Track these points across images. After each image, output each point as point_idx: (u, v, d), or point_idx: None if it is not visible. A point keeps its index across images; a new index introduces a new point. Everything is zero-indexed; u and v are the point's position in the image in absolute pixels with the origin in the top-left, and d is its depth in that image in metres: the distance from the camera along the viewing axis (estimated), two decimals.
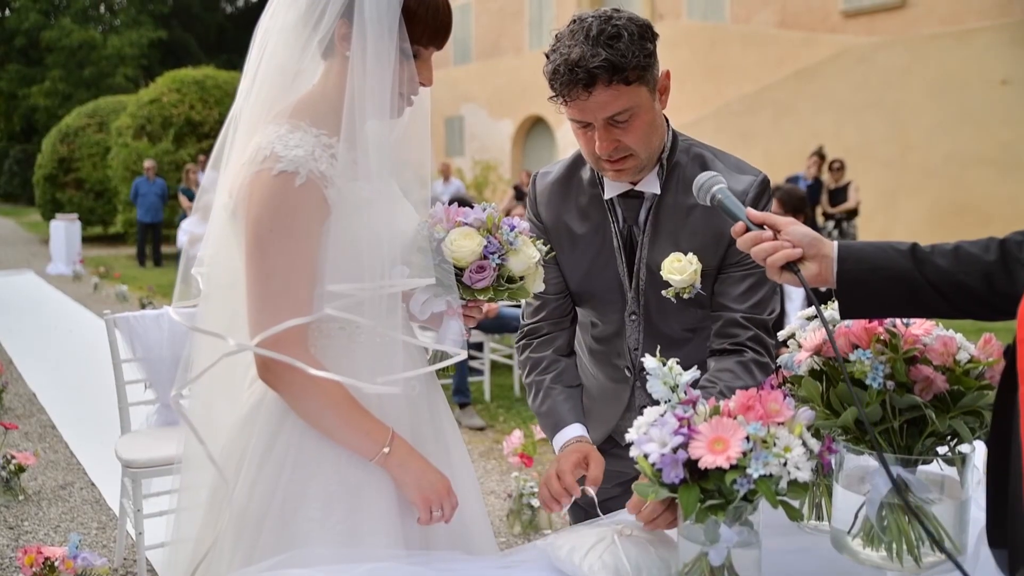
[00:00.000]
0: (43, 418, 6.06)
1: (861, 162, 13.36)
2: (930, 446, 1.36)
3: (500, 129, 22.98)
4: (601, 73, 1.66)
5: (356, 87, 1.52)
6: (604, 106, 1.70)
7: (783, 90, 15.15)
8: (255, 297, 1.53)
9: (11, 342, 8.61)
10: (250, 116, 1.61)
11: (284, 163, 1.49)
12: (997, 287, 1.30)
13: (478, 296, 1.66)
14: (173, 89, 18.25)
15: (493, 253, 1.62)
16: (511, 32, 23.91)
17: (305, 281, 1.53)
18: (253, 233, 1.52)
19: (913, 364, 1.34)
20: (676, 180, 1.87)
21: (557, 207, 2.00)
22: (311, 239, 1.53)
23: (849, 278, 1.35)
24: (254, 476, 1.59)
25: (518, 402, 6.55)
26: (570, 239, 1.98)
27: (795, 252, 1.37)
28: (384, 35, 1.51)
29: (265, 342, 1.49)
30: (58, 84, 34.22)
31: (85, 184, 20.20)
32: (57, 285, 13.09)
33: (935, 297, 1.33)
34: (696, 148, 1.91)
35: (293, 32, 1.58)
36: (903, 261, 1.34)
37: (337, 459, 1.59)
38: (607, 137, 1.75)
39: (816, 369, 1.43)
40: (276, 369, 1.53)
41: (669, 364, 1.35)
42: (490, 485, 4.85)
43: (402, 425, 1.65)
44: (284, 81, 1.60)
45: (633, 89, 1.70)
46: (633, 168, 1.81)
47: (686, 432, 1.22)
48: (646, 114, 1.75)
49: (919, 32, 14.25)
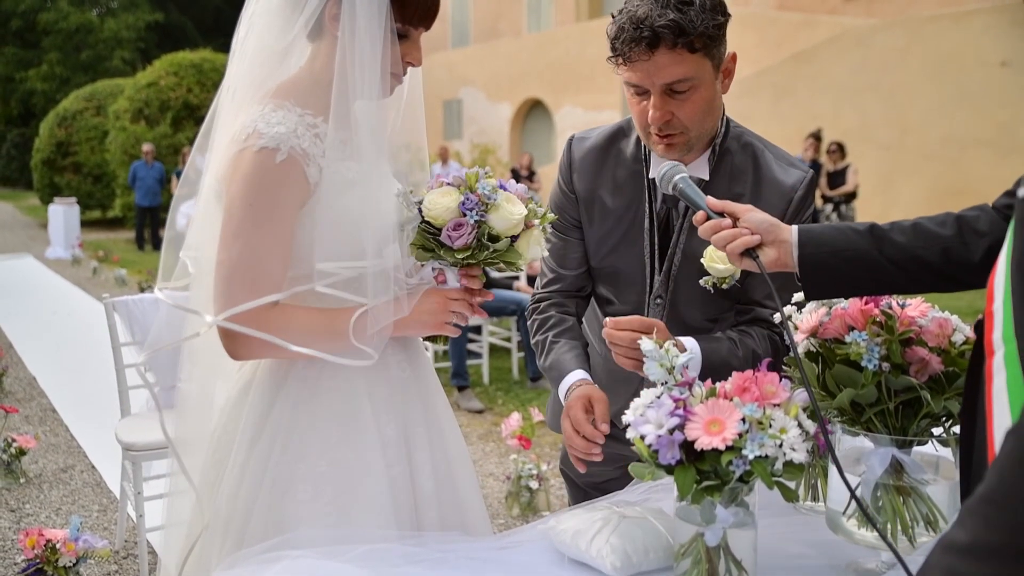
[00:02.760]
0: (43, 401, 6.08)
1: (859, 145, 13.35)
2: (925, 427, 1.37)
3: (498, 112, 22.91)
4: (666, 34, 1.61)
5: (347, 67, 1.52)
6: (663, 69, 1.65)
7: (781, 72, 15.11)
8: (227, 270, 1.51)
9: (11, 326, 8.62)
10: (236, 98, 1.61)
11: (265, 139, 1.50)
12: (953, 258, 1.35)
13: (458, 257, 1.58)
14: (170, 72, 18.19)
15: (471, 209, 1.56)
16: (509, 15, 23.80)
17: (279, 258, 1.53)
18: (229, 208, 1.52)
19: (909, 346, 1.35)
20: (726, 168, 1.83)
21: (593, 177, 1.94)
22: (287, 216, 1.52)
23: (810, 261, 1.40)
24: (243, 458, 1.59)
25: (516, 385, 6.57)
26: (601, 212, 1.93)
27: (753, 239, 1.42)
28: (374, 15, 1.51)
29: (237, 317, 1.49)
30: (55, 67, 34.05)
31: (83, 168, 20.15)
32: (56, 269, 13.09)
33: (895, 272, 1.37)
34: (748, 137, 1.87)
35: (279, 14, 1.58)
36: (862, 241, 1.38)
37: (326, 440, 1.59)
38: (662, 106, 1.69)
39: (813, 351, 1.44)
40: (239, 339, 1.53)
41: (666, 346, 1.36)
42: (488, 467, 4.87)
43: (392, 408, 1.66)
44: (271, 62, 1.60)
45: (697, 59, 1.65)
46: (682, 145, 1.75)
47: (682, 413, 1.23)
48: (706, 90, 1.70)
49: (918, 14, 14.20)
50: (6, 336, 8.18)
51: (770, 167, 1.82)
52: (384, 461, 1.61)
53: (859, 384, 1.33)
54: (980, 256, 1.33)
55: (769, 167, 1.83)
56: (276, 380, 1.63)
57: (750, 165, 1.83)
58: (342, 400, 1.62)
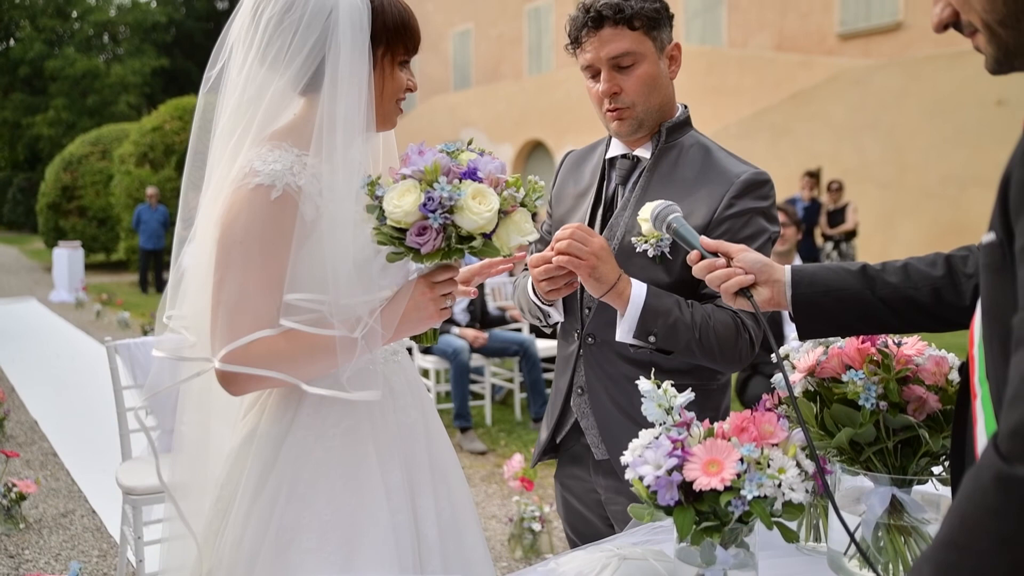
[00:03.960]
0: (44, 446, 6.06)
1: (858, 183, 13.41)
2: (925, 466, 1.37)
3: (500, 153, 23.00)
4: (608, 12, 1.85)
5: (328, 112, 1.55)
6: (608, 44, 1.86)
7: (780, 113, 15.23)
8: (221, 308, 1.52)
9: (13, 370, 8.61)
10: (231, 142, 1.62)
11: (261, 177, 1.52)
12: (944, 299, 1.38)
13: (426, 262, 1.50)
14: (175, 117, 18.37)
15: (433, 211, 1.43)
16: (510, 58, 24.08)
17: (271, 295, 1.53)
18: (224, 244, 1.53)
19: (906, 384, 1.35)
20: (674, 154, 1.95)
21: (565, 176, 2.16)
22: (281, 253, 1.52)
23: (803, 301, 1.43)
24: (248, 506, 1.59)
25: (519, 426, 6.54)
26: (564, 199, 2.12)
27: (747, 279, 1.45)
28: (356, 61, 1.55)
29: (232, 355, 1.50)
30: (62, 113, 34.43)
31: (88, 211, 20.27)
32: (60, 312, 13.11)
33: (887, 313, 1.40)
34: (704, 139, 1.99)
35: (264, 75, 1.60)
36: (854, 281, 1.42)
37: (331, 488, 1.59)
38: (610, 79, 1.89)
39: (810, 390, 1.44)
40: (236, 380, 1.53)
41: (664, 387, 1.36)
42: (491, 509, 4.83)
43: (397, 454, 1.66)
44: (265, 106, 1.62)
45: (637, 36, 1.86)
46: (631, 119, 1.92)
47: (680, 454, 1.23)
48: (650, 67, 1.89)
49: (914, 54, 14.34)
50: (8, 380, 8.17)
51: (720, 160, 1.92)
52: (389, 508, 1.60)
53: (857, 423, 1.34)
54: (970, 297, 1.36)
55: (719, 160, 1.92)
56: (281, 428, 1.62)
57: (699, 156, 1.93)
58: (347, 447, 1.62)
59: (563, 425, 2.04)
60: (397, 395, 1.71)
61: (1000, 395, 0.88)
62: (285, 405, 1.62)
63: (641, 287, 1.78)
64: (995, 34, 0.98)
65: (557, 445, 2.08)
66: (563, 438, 2.05)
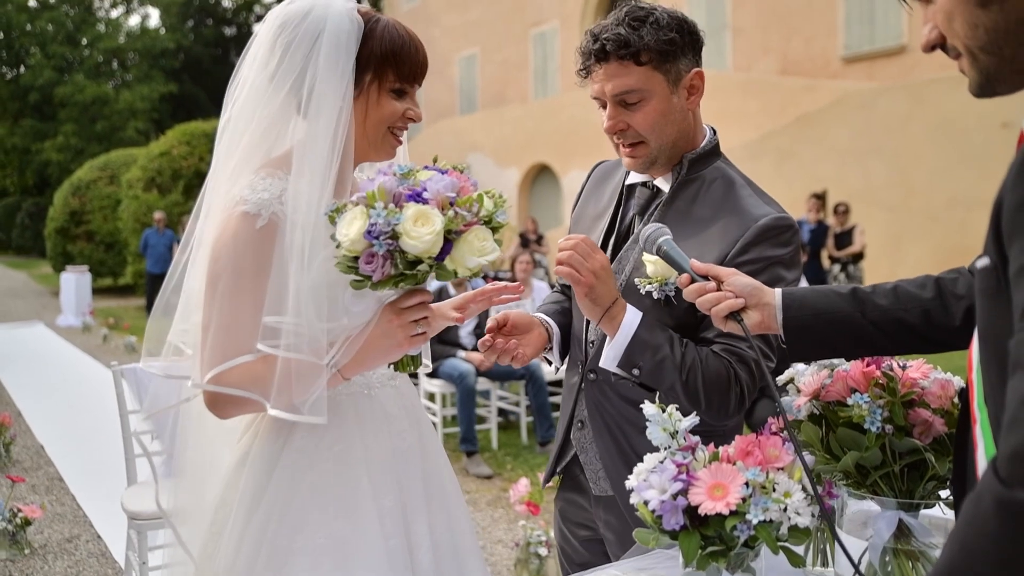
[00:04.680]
0: (50, 470, 6.05)
1: (865, 206, 13.41)
2: (932, 490, 1.36)
3: (506, 177, 23.14)
4: (612, 47, 1.73)
5: (308, 134, 1.57)
6: (612, 80, 1.76)
7: (785, 136, 15.27)
8: (207, 332, 1.54)
9: (20, 394, 8.62)
10: (228, 169, 1.64)
11: (248, 205, 1.54)
12: (934, 321, 1.39)
13: (385, 289, 1.46)
14: (183, 142, 18.50)
15: (377, 238, 1.39)
16: (516, 82, 24.22)
17: (256, 319, 1.53)
18: (211, 269, 1.55)
19: (911, 407, 1.35)
20: (694, 188, 1.84)
21: (589, 192, 2.08)
22: (263, 280, 1.54)
23: (793, 324, 1.43)
24: (241, 529, 1.59)
25: (525, 450, 6.52)
26: (580, 220, 2.06)
27: (737, 302, 1.45)
28: (332, 83, 1.56)
29: (217, 378, 1.51)
30: (71, 139, 34.68)
31: (96, 236, 20.36)
32: (66, 337, 13.14)
33: (877, 335, 1.41)
34: (731, 171, 1.88)
35: (263, 91, 1.62)
36: (844, 304, 1.43)
37: (324, 512, 1.59)
38: (614, 115, 1.79)
39: (815, 414, 1.43)
40: (217, 399, 1.55)
41: (668, 411, 1.36)
42: (497, 534, 4.81)
43: (390, 479, 1.65)
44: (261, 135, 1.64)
45: (645, 71, 1.74)
46: (644, 156, 1.82)
47: (685, 478, 1.23)
48: (659, 103, 1.77)
49: (919, 77, 14.38)
50: (15, 404, 8.17)
51: (741, 198, 1.81)
52: (382, 533, 1.60)
53: (863, 447, 1.33)
54: (960, 318, 1.37)
55: (740, 198, 1.81)
56: (274, 450, 1.63)
57: (720, 192, 1.83)
58: (339, 471, 1.62)
59: (564, 455, 2.02)
60: (393, 420, 1.71)
61: (999, 419, 0.88)
62: (278, 428, 1.62)
63: (635, 316, 1.71)
64: (977, 59, 0.99)
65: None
66: (564, 467, 2.04)
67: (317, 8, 1.59)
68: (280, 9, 1.63)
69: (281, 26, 1.59)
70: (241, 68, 1.66)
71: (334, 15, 1.58)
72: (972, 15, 0.96)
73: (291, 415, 1.51)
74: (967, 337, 1.33)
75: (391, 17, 1.67)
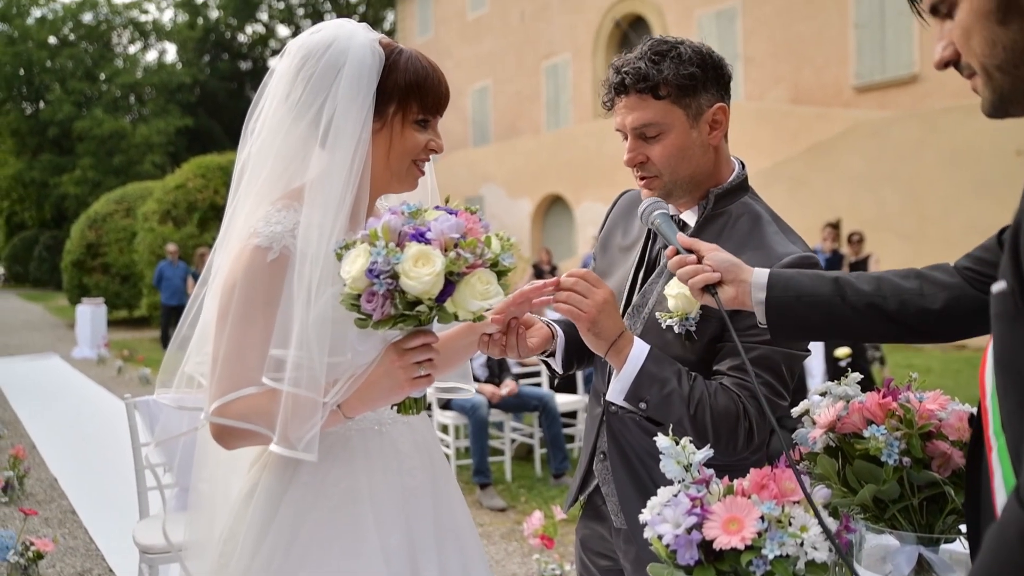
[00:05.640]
0: (64, 503, 6.05)
1: (878, 234, 13.37)
2: (952, 524, 1.33)
3: (519, 208, 23.24)
4: (631, 81, 1.74)
5: (326, 165, 1.57)
6: (631, 113, 1.77)
7: (798, 165, 15.28)
8: (216, 363, 1.54)
9: (34, 426, 8.65)
10: (248, 202, 1.65)
11: (260, 238, 1.54)
12: (911, 309, 1.42)
13: (385, 329, 1.43)
14: (198, 175, 18.66)
15: (378, 276, 1.38)
16: (528, 114, 24.39)
17: (264, 352, 1.52)
18: (222, 302, 1.56)
19: (929, 439, 1.32)
20: (720, 223, 1.83)
21: (616, 220, 2.07)
22: (272, 312, 1.53)
23: (775, 303, 1.48)
24: (247, 564, 1.58)
25: (539, 482, 6.47)
26: (609, 248, 2.04)
27: (713, 276, 1.51)
28: (352, 115, 1.56)
29: (221, 409, 1.51)
30: (88, 172, 35.08)
31: (111, 268, 20.51)
32: (81, 369, 13.19)
33: (853, 318, 1.45)
34: (757, 207, 1.86)
35: (284, 121, 1.63)
36: (825, 287, 1.47)
37: (328, 549, 1.58)
38: (634, 148, 1.80)
39: (832, 446, 1.41)
40: (225, 435, 1.54)
41: (682, 443, 1.34)
42: (511, 568, 4.76)
43: (397, 517, 1.64)
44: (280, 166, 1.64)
45: (663, 106, 1.74)
46: (659, 188, 1.81)
47: (700, 512, 1.21)
48: (677, 137, 1.76)
49: (931, 106, 14.40)
50: (29, 437, 8.19)
51: (767, 235, 1.79)
52: (387, 571, 1.59)
53: (880, 480, 1.31)
54: (939, 306, 1.40)
55: (766, 235, 1.79)
56: (281, 484, 1.62)
57: (746, 228, 1.81)
58: (344, 507, 1.61)
59: (587, 485, 2.01)
60: (404, 457, 1.69)
61: (1018, 447, 0.86)
62: (286, 462, 1.61)
63: (643, 349, 1.68)
64: (992, 78, 0.98)
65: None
66: (588, 496, 2.02)
67: (340, 39, 1.58)
68: (303, 39, 1.63)
69: (304, 58, 1.59)
70: (261, 100, 1.66)
71: (356, 47, 1.57)
72: (991, 32, 0.95)
73: (287, 451, 1.49)
74: (950, 328, 1.41)
75: (413, 48, 1.67)
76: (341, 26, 1.62)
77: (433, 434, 1.83)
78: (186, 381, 1.70)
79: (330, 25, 1.63)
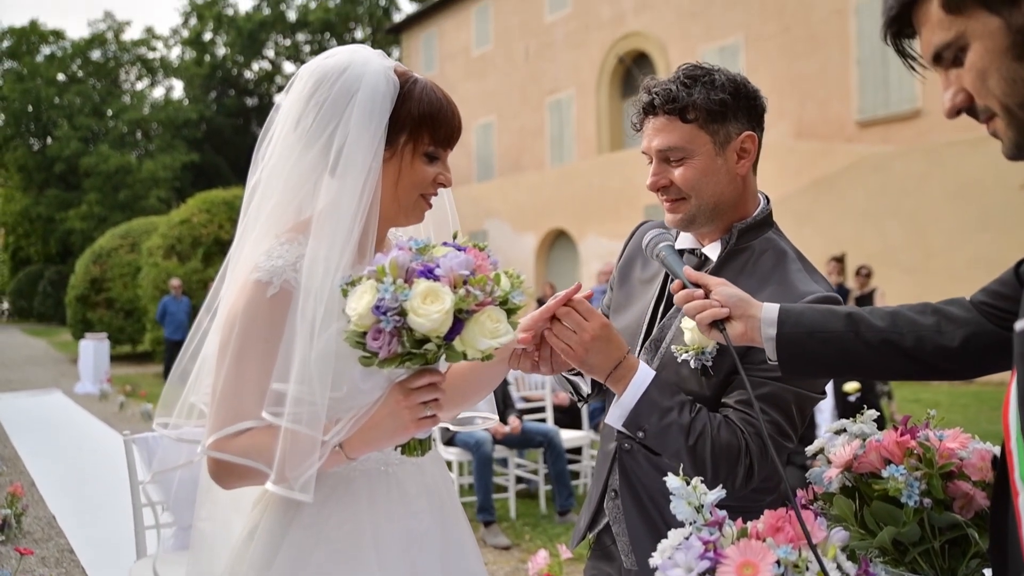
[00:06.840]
0: (61, 542, 5.97)
1: (884, 268, 13.34)
2: (975, 568, 1.29)
3: (524, 242, 23.28)
4: (660, 102, 1.73)
5: (333, 196, 1.54)
6: (657, 135, 1.75)
7: (802, 199, 15.31)
8: (216, 397, 1.50)
9: (34, 463, 8.57)
10: (252, 234, 1.61)
11: (260, 273, 1.50)
12: (928, 346, 1.38)
13: (392, 368, 1.39)
14: (203, 210, 18.73)
15: (385, 313, 1.33)
16: (532, 149, 24.51)
17: (264, 388, 1.48)
18: (223, 337, 1.52)
19: (950, 480, 1.28)
20: (742, 259, 1.80)
21: (635, 251, 2.02)
22: (273, 348, 1.49)
23: (786, 340, 1.44)
24: None
25: (544, 520, 6.38)
26: (628, 280, 2.01)
27: (722, 311, 1.48)
28: (362, 145, 1.52)
29: (218, 443, 1.47)
30: (94, 207, 35.33)
31: (115, 303, 20.55)
32: (84, 404, 13.13)
33: (868, 355, 1.41)
34: (782, 243, 1.84)
35: (292, 151, 1.59)
36: (838, 323, 1.43)
37: None
38: (658, 171, 1.78)
39: (848, 486, 1.37)
40: (223, 472, 1.50)
41: (693, 484, 1.30)
42: None
43: (401, 560, 1.59)
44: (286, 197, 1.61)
45: (690, 129, 1.73)
46: (684, 212, 1.78)
47: (712, 556, 1.16)
48: (702, 162, 1.74)
49: (935, 140, 14.44)
50: (29, 474, 8.12)
51: (789, 272, 1.76)
52: None
53: (900, 522, 1.26)
54: (958, 343, 1.36)
55: (788, 272, 1.76)
56: (282, 526, 1.57)
57: (769, 265, 1.78)
58: (346, 551, 1.56)
59: (597, 523, 1.95)
60: (410, 500, 1.63)
61: None
62: (287, 503, 1.56)
63: (647, 376, 1.64)
64: (1015, 118, 0.96)
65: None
66: (596, 535, 1.97)
67: (355, 65, 1.54)
68: (316, 63, 1.59)
69: (317, 83, 1.55)
70: (271, 129, 1.62)
71: (371, 73, 1.53)
72: (1009, 70, 0.93)
73: (283, 490, 1.44)
74: (969, 366, 1.37)
75: (428, 79, 1.63)
76: (355, 51, 1.58)
77: (445, 475, 1.76)
78: (187, 411, 1.65)
79: (344, 50, 1.59)
